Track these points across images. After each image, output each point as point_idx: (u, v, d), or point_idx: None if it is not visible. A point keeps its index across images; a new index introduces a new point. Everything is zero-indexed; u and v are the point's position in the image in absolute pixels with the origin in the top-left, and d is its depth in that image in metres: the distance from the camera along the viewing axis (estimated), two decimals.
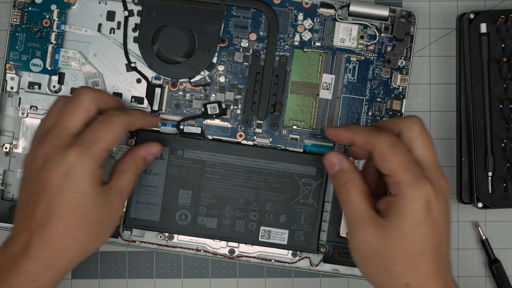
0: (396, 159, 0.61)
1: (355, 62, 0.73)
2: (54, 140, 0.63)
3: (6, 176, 0.73)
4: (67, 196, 0.62)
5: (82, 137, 0.63)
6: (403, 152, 0.61)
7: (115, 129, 0.64)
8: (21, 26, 0.72)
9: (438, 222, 0.61)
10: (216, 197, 0.72)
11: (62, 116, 0.64)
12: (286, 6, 0.73)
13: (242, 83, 0.73)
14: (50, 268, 0.62)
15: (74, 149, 0.62)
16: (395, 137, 0.62)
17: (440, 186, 0.62)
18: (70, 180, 0.62)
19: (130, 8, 0.73)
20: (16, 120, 0.73)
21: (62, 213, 0.62)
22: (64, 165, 0.62)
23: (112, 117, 0.64)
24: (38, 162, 0.63)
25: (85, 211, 0.62)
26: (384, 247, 0.61)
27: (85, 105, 0.64)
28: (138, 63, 0.73)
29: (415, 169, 0.61)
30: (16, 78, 0.73)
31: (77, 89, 0.65)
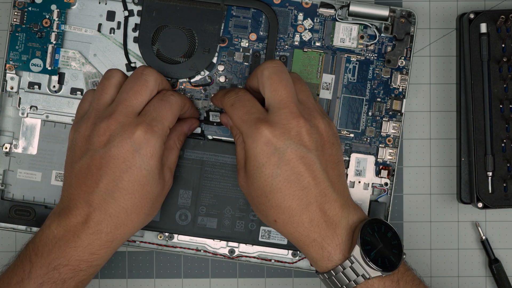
0: (235, 115, 0.65)
1: (355, 62, 0.73)
2: (120, 116, 0.64)
3: (6, 176, 0.73)
4: (135, 173, 0.64)
5: (147, 116, 0.65)
6: (241, 106, 0.65)
7: (174, 108, 0.66)
8: (21, 26, 0.72)
9: (285, 158, 0.63)
10: (216, 197, 0.73)
11: (129, 94, 0.65)
12: (286, 6, 0.73)
13: (242, 83, 0.73)
14: (111, 242, 0.65)
15: (142, 127, 0.64)
16: (236, 94, 0.66)
17: (285, 125, 0.63)
18: (139, 157, 0.64)
19: (130, 8, 0.73)
20: (16, 120, 0.73)
21: (128, 189, 0.64)
22: (134, 142, 0.63)
23: (170, 96, 0.67)
24: (102, 137, 0.64)
25: (149, 188, 0.65)
26: (248, 190, 0.66)
27: (150, 85, 0.66)
28: (138, 63, 0.73)
29: (252, 117, 0.64)
30: (16, 78, 0.73)
31: (142, 69, 0.67)
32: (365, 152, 0.73)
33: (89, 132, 0.65)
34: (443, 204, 0.75)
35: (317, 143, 0.64)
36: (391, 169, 0.73)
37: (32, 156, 0.73)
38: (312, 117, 0.65)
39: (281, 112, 0.64)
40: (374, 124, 0.73)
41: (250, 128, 0.64)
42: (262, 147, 0.63)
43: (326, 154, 0.65)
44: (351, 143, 0.73)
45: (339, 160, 0.66)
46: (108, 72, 0.68)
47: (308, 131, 0.64)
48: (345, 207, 0.65)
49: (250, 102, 0.66)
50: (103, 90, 0.67)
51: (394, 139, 0.73)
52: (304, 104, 0.66)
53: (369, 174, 0.73)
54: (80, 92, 0.73)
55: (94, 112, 0.66)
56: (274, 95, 0.65)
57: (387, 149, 0.73)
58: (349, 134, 0.73)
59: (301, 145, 0.63)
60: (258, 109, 0.65)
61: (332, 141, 0.66)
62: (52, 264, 0.63)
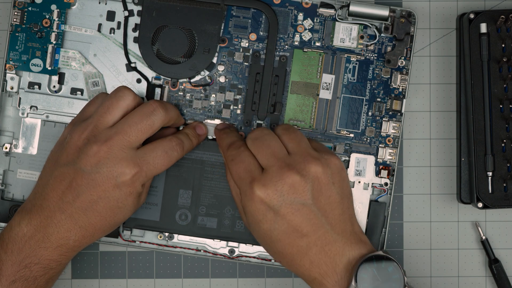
0: (234, 171, 0.67)
1: (355, 62, 0.73)
2: (115, 148, 0.65)
3: (6, 176, 0.73)
4: (110, 202, 0.66)
5: (143, 158, 0.66)
6: (240, 162, 0.67)
7: (170, 163, 0.68)
8: (21, 26, 0.72)
9: (281, 214, 0.65)
10: (216, 197, 0.73)
11: (131, 128, 0.66)
12: (286, 6, 0.73)
13: (242, 83, 0.73)
14: (78, 247, 0.67)
15: (133, 168, 0.66)
16: (237, 150, 0.68)
17: (276, 182, 0.65)
18: (118, 192, 0.66)
19: (130, 8, 0.73)
20: (16, 120, 0.73)
21: (101, 213, 0.66)
22: (119, 179, 0.65)
23: (174, 152, 0.68)
24: (90, 159, 0.65)
25: (122, 216, 0.68)
26: (251, 232, 0.68)
27: (155, 127, 0.67)
28: (138, 63, 0.73)
29: (247, 176, 0.66)
30: (16, 78, 0.73)
31: (153, 108, 0.67)
32: (365, 152, 0.73)
33: (80, 145, 0.66)
34: (443, 204, 0.75)
35: (312, 191, 0.65)
36: (391, 169, 0.73)
37: (32, 156, 0.73)
38: (304, 165, 0.66)
39: (271, 170, 0.66)
40: (374, 124, 0.73)
41: (245, 187, 0.66)
42: (257, 206, 0.65)
43: (324, 197, 0.66)
44: (351, 143, 0.73)
45: (342, 197, 0.67)
46: (120, 90, 0.68)
47: (301, 182, 0.65)
48: (347, 245, 0.66)
49: (248, 159, 0.67)
50: (109, 109, 0.67)
51: (394, 139, 0.73)
52: (294, 154, 0.67)
53: (369, 174, 0.73)
54: (80, 92, 0.73)
55: (92, 127, 0.67)
56: (261, 157, 0.67)
57: (387, 149, 0.73)
58: (349, 134, 0.73)
59: (295, 198, 0.65)
60: (255, 166, 0.67)
61: (333, 180, 0.67)
62: (23, 262, 0.65)
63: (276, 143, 0.67)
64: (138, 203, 0.69)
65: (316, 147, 0.69)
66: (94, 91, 0.73)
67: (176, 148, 0.68)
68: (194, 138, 0.71)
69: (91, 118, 0.67)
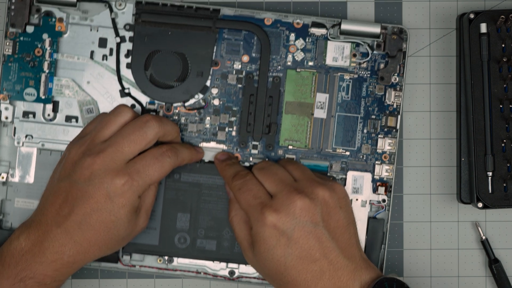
0: (242, 199, 0.68)
1: (349, 80, 0.73)
2: (107, 160, 0.66)
3: (4, 206, 0.73)
4: (103, 215, 0.66)
5: (134, 167, 0.66)
6: (248, 191, 0.68)
7: (164, 170, 0.68)
8: (13, 56, 0.72)
9: (294, 237, 0.66)
10: (214, 219, 0.73)
11: (124, 140, 0.67)
12: (277, 27, 0.73)
13: (236, 105, 0.73)
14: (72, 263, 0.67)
15: (123, 178, 0.66)
16: (243, 179, 0.69)
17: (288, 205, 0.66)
18: (110, 204, 0.66)
19: (122, 34, 0.73)
20: (12, 150, 0.73)
21: (95, 226, 0.66)
22: (110, 189, 0.65)
23: (165, 157, 0.68)
24: (84, 171, 0.66)
25: (115, 231, 0.67)
26: (260, 268, 0.69)
27: (148, 138, 0.67)
28: (132, 88, 0.73)
29: (257, 202, 0.67)
30: (10, 108, 0.73)
31: (146, 120, 0.68)
32: (362, 170, 0.73)
33: (77, 159, 0.67)
34: (443, 204, 0.75)
35: (322, 214, 0.66)
36: (388, 185, 0.73)
37: (29, 184, 0.73)
38: (312, 189, 0.67)
39: (281, 195, 0.66)
40: (369, 141, 0.73)
41: (257, 213, 0.66)
42: (271, 231, 0.66)
43: (333, 221, 0.67)
44: (347, 161, 0.73)
45: (349, 222, 0.68)
46: (118, 108, 0.69)
47: (311, 206, 0.66)
48: (357, 270, 0.66)
49: (256, 187, 0.68)
50: (106, 125, 0.68)
51: (390, 155, 0.73)
52: (300, 181, 0.68)
53: (366, 191, 0.73)
54: (75, 119, 0.73)
55: (89, 142, 0.67)
56: (269, 184, 0.68)
57: (384, 165, 0.73)
58: (345, 152, 0.73)
59: (307, 221, 0.66)
60: (264, 193, 0.67)
61: (340, 204, 0.68)
62: (18, 276, 0.66)
63: (282, 171, 0.69)
64: (136, 222, 0.68)
65: (319, 177, 0.70)
66: (89, 118, 0.73)
67: (167, 153, 0.68)
68: (191, 150, 0.71)
69: (89, 134, 0.68)
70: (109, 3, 0.73)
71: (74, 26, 0.73)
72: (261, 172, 0.69)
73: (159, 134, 0.68)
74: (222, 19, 0.72)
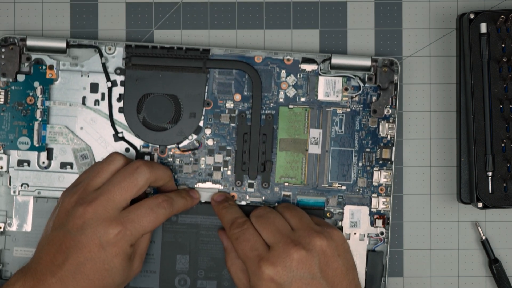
0: (240, 250, 0.67)
1: (341, 114, 0.73)
2: (99, 207, 0.66)
3: (3, 255, 0.73)
4: (97, 264, 0.65)
5: (127, 217, 0.66)
6: (246, 241, 0.67)
7: (158, 221, 0.67)
8: (5, 105, 0.72)
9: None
10: (213, 260, 0.73)
11: (115, 188, 0.66)
12: (268, 64, 0.73)
13: (230, 144, 0.73)
14: None
15: (116, 227, 0.65)
16: (241, 228, 0.68)
17: (284, 258, 0.65)
18: (103, 253, 0.65)
19: (113, 78, 0.73)
20: (8, 199, 0.73)
21: (89, 275, 0.65)
22: (102, 238, 0.65)
23: (160, 209, 0.67)
24: (77, 221, 0.66)
25: (110, 280, 0.66)
26: None
27: (139, 185, 0.67)
28: (125, 132, 0.73)
29: (254, 254, 0.66)
30: (4, 158, 0.73)
31: (136, 166, 0.68)
32: (359, 203, 0.73)
33: (69, 208, 0.67)
34: (443, 204, 0.75)
35: (320, 264, 0.66)
36: (385, 217, 0.73)
37: (27, 233, 0.73)
38: (310, 239, 0.66)
39: (278, 247, 0.66)
40: (365, 174, 0.73)
41: (254, 266, 0.66)
42: (268, 284, 0.65)
43: (331, 270, 0.66)
44: (343, 195, 0.73)
45: (348, 268, 0.67)
46: (111, 156, 0.69)
47: (308, 257, 0.65)
48: None
49: (253, 237, 0.67)
50: (99, 173, 0.68)
51: (386, 187, 0.73)
52: (298, 229, 0.67)
53: (364, 225, 0.73)
54: (69, 166, 0.73)
55: (82, 190, 0.67)
56: (266, 234, 0.67)
57: (380, 198, 0.73)
58: (341, 187, 0.73)
59: (304, 273, 0.65)
60: (261, 244, 0.67)
61: (338, 252, 0.67)
62: None
63: (279, 220, 0.68)
64: (130, 268, 0.68)
65: (317, 222, 0.70)
66: (84, 163, 0.73)
67: (163, 204, 0.68)
68: (187, 197, 0.71)
69: (82, 183, 0.68)
70: (99, 48, 0.73)
71: (64, 72, 0.73)
72: (258, 221, 0.68)
73: (150, 179, 0.68)
74: (212, 59, 0.73)
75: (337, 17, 0.75)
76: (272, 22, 0.75)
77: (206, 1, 0.75)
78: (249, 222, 0.69)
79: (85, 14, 0.75)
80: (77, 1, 0.75)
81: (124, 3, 0.75)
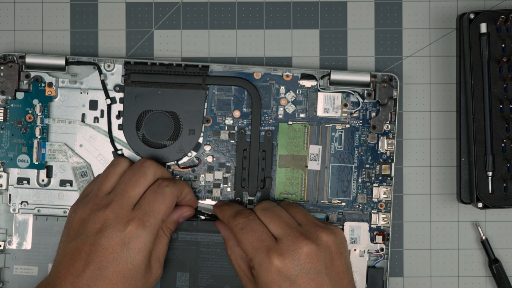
0: (246, 240, 0.66)
1: (341, 130, 0.73)
2: (116, 207, 0.66)
3: (3, 274, 0.73)
4: (120, 265, 0.65)
5: (140, 209, 0.66)
6: (252, 231, 0.67)
7: (167, 200, 0.67)
8: (4, 123, 0.72)
9: (297, 283, 0.65)
10: (214, 277, 0.73)
11: (127, 185, 0.67)
12: (267, 80, 0.73)
13: (229, 161, 0.73)
14: None
15: (134, 223, 0.65)
16: (246, 218, 0.68)
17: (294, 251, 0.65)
18: (127, 251, 0.65)
19: (112, 95, 0.73)
20: (8, 217, 0.73)
21: (112, 279, 0.65)
22: (124, 235, 0.65)
23: (164, 188, 0.67)
24: (95, 225, 0.65)
25: (133, 281, 0.66)
26: None
27: (148, 177, 0.68)
28: (124, 149, 0.73)
29: (262, 245, 0.66)
30: (4, 175, 0.73)
31: (142, 161, 0.69)
32: (358, 220, 0.73)
33: (84, 216, 0.66)
34: (443, 204, 0.75)
35: (326, 261, 0.66)
36: (385, 233, 0.73)
37: (27, 251, 0.73)
38: (317, 234, 0.66)
39: (287, 240, 0.65)
40: (365, 190, 0.73)
41: (261, 256, 0.65)
42: (274, 276, 0.65)
43: (335, 267, 0.66)
44: (343, 211, 0.73)
45: (348, 267, 0.67)
46: (115, 160, 0.70)
47: (317, 252, 0.65)
48: None
49: (260, 227, 0.67)
50: (107, 178, 0.68)
51: (386, 203, 0.73)
52: (304, 225, 0.67)
53: (364, 241, 0.73)
54: (69, 183, 0.73)
55: (94, 198, 0.67)
56: (274, 226, 0.67)
57: (380, 214, 0.73)
58: (341, 203, 0.73)
59: (311, 268, 0.65)
60: (268, 235, 0.66)
61: (341, 250, 0.67)
62: None
63: (285, 214, 0.68)
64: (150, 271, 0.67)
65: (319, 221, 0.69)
66: (83, 181, 0.73)
67: (164, 183, 0.68)
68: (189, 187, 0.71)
69: (92, 192, 0.68)
70: (98, 65, 0.73)
71: (64, 89, 0.73)
72: (265, 213, 0.68)
73: (156, 173, 0.68)
74: (211, 75, 0.73)
75: (337, 17, 0.75)
76: (272, 22, 0.75)
77: (206, 1, 0.75)
78: (254, 214, 0.68)
79: (85, 14, 0.75)
80: (77, 1, 0.75)
81: (124, 3, 0.75)
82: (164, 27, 0.75)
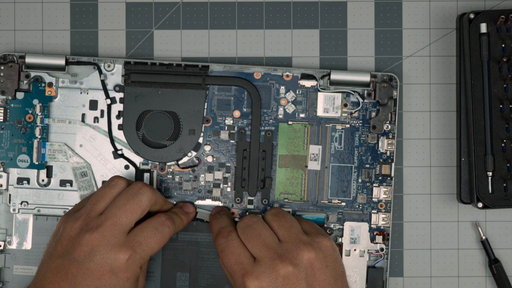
0: (226, 262, 0.67)
1: (341, 130, 0.73)
2: (106, 232, 0.65)
3: (3, 274, 0.73)
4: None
5: (135, 240, 0.66)
6: (231, 254, 0.66)
7: (164, 240, 0.68)
8: (4, 123, 0.72)
9: None
10: (213, 277, 0.73)
11: (120, 210, 0.66)
12: (267, 80, 0.73)
13: (229, 161, 0.73)
14: None
15: (126, 252, 0.65)
16: (225, 239, 0.67)
17: (270, 274, 0.64)
18: (114, 279, 0.65)
19: (112, 95, 0.73)
20: (8, 217, 0.73)
21: None
22: (113, 264, 0.65)
23: (165, 227, 0.68)
24: (83, 248, 0.65)
25: None
26: None
27: (143, 206, 0.67)
28: (124, 149, 0.73)
29: (239, 268, 0.66)
30: (4, 175, 0.73)
31: (138, 187, 0.67)
32: (358, 220, 0.73)
33: (73, 235, 0.66)
34: (443, 204, 0.75)
35: (306, 278, 0.65)
36: (385, 233, 0.73)
37: (27, 251, 0.73)
38: (297, 253, 0.65)
39: (264, 262, 0.65)
40: (365, 190, 0.73)
41: (238, 280, 0.65)
42: None
43: (318, 282, 0.65)
44: (343, 211, 0.73)
45: (337, 279, 0.66)
46: (112, 179, 0.69)
47: (294, 272, 0.64)
48: None
49: (238, 249, 0.67)
50: (101, 197, 0.67)
51: (386, 203, 0.73)
52: (286, 242, 0.66)
53: (364, 241, 0.73)
54: (69, 183, 0.73)
55: (84, 217, 0.67)
56: (252, 247, 0.66)
57: (380, 214, 0.73)
58: (341, 203, 0.73)
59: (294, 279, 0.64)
60: (246, 257, 0.66)
61: (326, 263, 0.66)
62: None
63: (266, 232, 0.67)
64: (138, 285, 0.68)
65: (306, 229, 0.69)
66: (83, 181, 0.73)
67: (166, 223, 0.68)
68: (183, 215, 0.71)
69: (84, 208, 0.68)
70: (98, 65, 0.73)
71: (64, 89, 0.73)
72: (245, 232, 0.67)
73: (152, 200, 0.68)
74: (211, 75, 0.73)
75: (337, 17, 0.75)
76: (272, 22, 0.75)
77: (206, 1, 0.75)
78: (234, 232, 0.68)
79: (85, 14, 0.75)
80: (77, 1, 0.75)
81: (124, 3, 0.75)
82: (164, 27, 0.75)
